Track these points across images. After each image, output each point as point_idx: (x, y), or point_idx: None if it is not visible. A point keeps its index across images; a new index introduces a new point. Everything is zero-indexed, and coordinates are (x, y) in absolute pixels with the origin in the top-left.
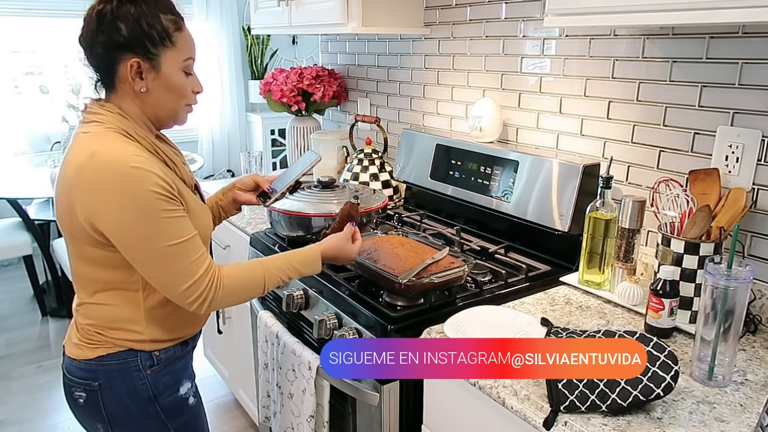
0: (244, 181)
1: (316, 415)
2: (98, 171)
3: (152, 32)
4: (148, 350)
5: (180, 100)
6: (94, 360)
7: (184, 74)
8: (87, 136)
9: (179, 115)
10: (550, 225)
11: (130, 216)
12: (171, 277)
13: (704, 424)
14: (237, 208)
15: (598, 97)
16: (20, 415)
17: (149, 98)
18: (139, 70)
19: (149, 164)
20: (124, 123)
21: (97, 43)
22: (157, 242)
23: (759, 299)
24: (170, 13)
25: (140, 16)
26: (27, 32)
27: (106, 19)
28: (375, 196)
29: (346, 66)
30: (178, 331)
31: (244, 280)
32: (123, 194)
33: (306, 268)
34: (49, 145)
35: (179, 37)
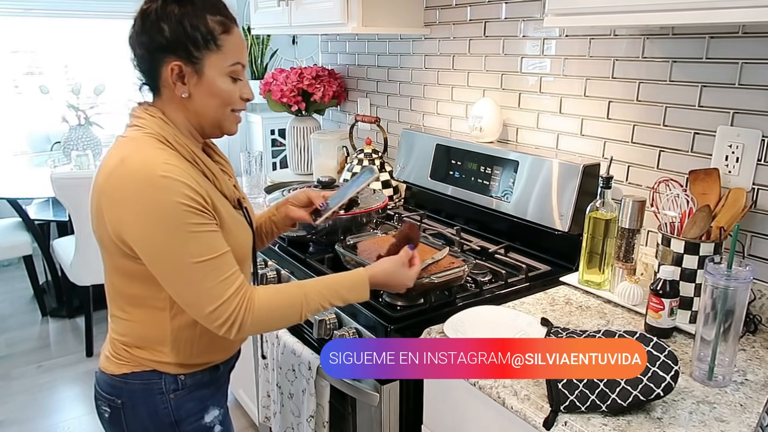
0: (298, 197)
1: (316, 415)
2: (125, 178)
3: (195, 34)
4: (173, 373)
5: (225, 108)
6: (119, 377)
7: (230, 80)
8: (124, 141)
9: (224, 124)
10: (550, 225)
11: (153, 227)
12: (196, 297)
13: (704, 424)
14: (291, 224)
15: (598, 97)
16: (20, 415)
17: (192, 104)
18: (180, 74)
19: (180, 174)
20: (164, 129)
21: (140, 44)
22: (183, 257)
23: (759, 299)
24: (219, 14)
25: (184, 17)
26: (27, 32)
27: (149, 19)
28: (375, 196)
29: (346, 66)
30: (206, 356)
31: (279, 305)
32: (147, 204)
33: (351, 294)
34: (49, 145)
35: (226, 40)
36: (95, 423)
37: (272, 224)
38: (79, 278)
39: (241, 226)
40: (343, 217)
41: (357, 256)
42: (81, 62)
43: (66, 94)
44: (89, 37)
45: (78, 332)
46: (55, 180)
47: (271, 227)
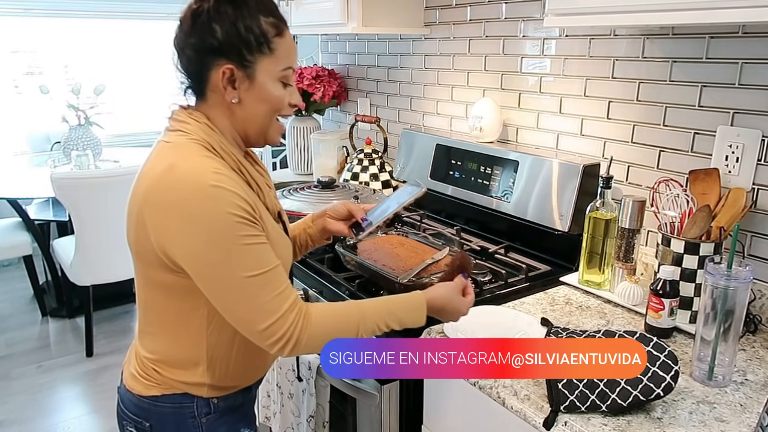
0: (337, 209)
1: (316, 415)
2: (173, 187)
3: (249, 37)
4: (205, 396)
5: (273, 114)
6: (148, 398)
7: (281, 85)
8: (168, 147)
9: (270, 132)
10: (550, 225)
11: (204, 240)
12: (250, 313)
13: (704, 424)
14: (327, 237)
15: (598, 97)
16: (20, 415)
17: (241, 110)
18: (231, 78)
19: (230, 183)
20: (210, 135)
21: (189, 45)
22: (235, 272)
23: (759, 299)
24: (272, 16)
25: (238, 18)
26: (27, 32)
27: (200, 19)
28: (375, 196)
29: (346, 66)
30: (240, 378)
31: (336, 323)
32: (198, 215)
33: (409, 317)
34: (49, 145)
35: (279, 43)
36: (95, 423)
37: (307, 237)
38: (79, 278)
39: (282, 239)
40: None
41: (357, 256)
42: (81, 62)
43: (66, 94)
44: (89, 37)
45: (78, 332)
46: (55, 180)
47: (306, 240)
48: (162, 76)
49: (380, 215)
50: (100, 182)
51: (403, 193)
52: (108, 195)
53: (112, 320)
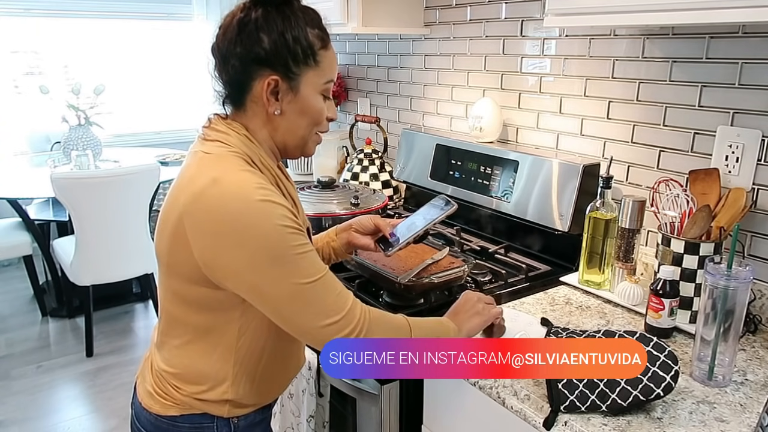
0: (363, 223)
1: (316, 415)
2: (221, 203)
3: (297, 48)
4: (226, 416)
5: (313, 127)
6: (165, 418)
7: (322, 98)
8: (209, 158)
9: (308, 144)
10: (550, 225)
11: (261, 256)
12: (314, 316)
13: (704, 424)
14: (351, 251)
15: (598, 97)
16: (20, 415)
17: (282, 122)
18: (275, 90)
19: (275, 197)
20: (250, 148)
21: (234, 54)
22: (295, 280)
23: (759, 299)
24: (317, 28)
25: (286, 29)
26: (27, 32)
27: (247, 28)
28: (375, 196)
29: (346, 66)
30: (263, 395)
31: (391, 326)
32: (251, 232)
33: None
34: (49, 145)
35: (324, 55)
36: (95, 423)
37: (331, 250)
38: (79, 278)
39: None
40: (344, 217)
41: (357, 256)
42: (81, 62)
43: (66, 94)
44: (89, 37)
45: (78, 332)
46: (55, 180)
47: (330, 253)
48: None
49: (409, 231)
50: (100, 182)
51: (432, 209)
52: (108, 195)
53: (112, 320)
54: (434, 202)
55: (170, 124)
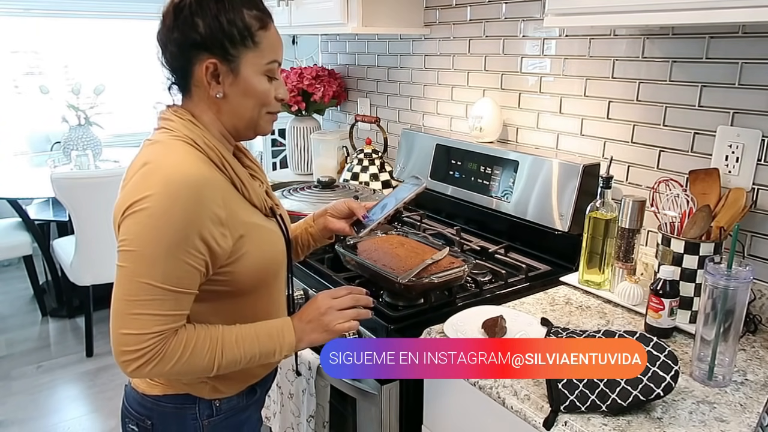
0: (338, 207)
1: (316, 415)
2: (145, 181)
3: (232, 30)
4: (207, 398)
5: (260, 108)
6: (150, 397)
7: (266, 79)
8: (150, 146)
9: (260, 124)
10: (550, 225)
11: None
12: (125, 315)
13: (704, 424)
14: (329, 236)
15: (598, 97)
16: (20, 415)
17: (226, 105)
18: (215, 73)
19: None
20: (193, 131)
21: (172, 40)
22: (150, 273)
23: (759, 299)
24: (255, 9)
25: (220, 12)
26: (27, 32)
27: (182, 14)
28: (375, 196)
29: (346, 66)
30: (244, 378)
31: (189, 360)
32: (159, 207)
33: (273, 331)
34: (49, 145)
35: (263, 36)
36: (95, 423)
37: (309, 236)
38: (79, 278)
39: (274, 237)
40: None
41: (357, 256)
42: (81, 62)
43: (66, 94)
44: (89, 37)
45: (78, 332)
46: (55, 180)
47: (308, 239)
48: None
49: (381, 211)
50: (100, 182)
51: (403, 189)
52: (108, 195)
53: None
54: (406, 182)
55: None
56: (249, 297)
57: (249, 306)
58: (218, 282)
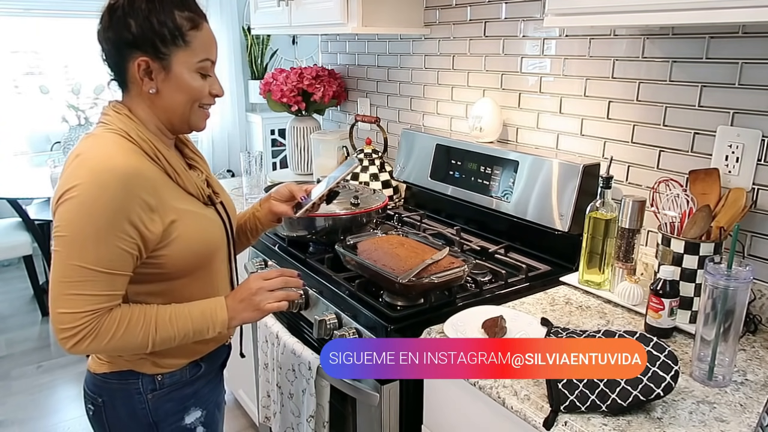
0: (280, 191)
1: (316, 415)
2: (75, 172)
3: (163, 30)
4: (149, 374)
5: (193, 103)
6: (100, 375)
7: (199, 76)
8: (85, 138)
9: (192, 119)
10: (550, 225)
11: (79, 215)
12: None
13: (704, 424)
14: (274, 219)
15: (598, 97)
16: (20, 415)
17: (160, 100)
18: (148, 70)
19: (131, 176)
20: (128, 125)
21: (107, 39)
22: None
23: (759, 299)
24: (187, 10)
25: (151, 13)
26: (27, 32)
27: (116, 14)
28: (375, 196)
29: (346, 66)
30: (182, 352)
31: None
32: (88, 195)
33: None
34: (49, 145)
35: (194, 36)
36: None
37: (256, 220)
38: None
39: (209, 223)
40: (344, 217)
41: (357, 256)
42: (81, 62)
43: (66, 94)
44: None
45: None
46: (55, 180)
47: (255, 223)
48: None
49: (317, 192)
50: None
51: (338, 170)
52: None
53: None
54: (342, 165)
55: None
56: (186, 279)
57: (187, 288)
58: (153, 265)
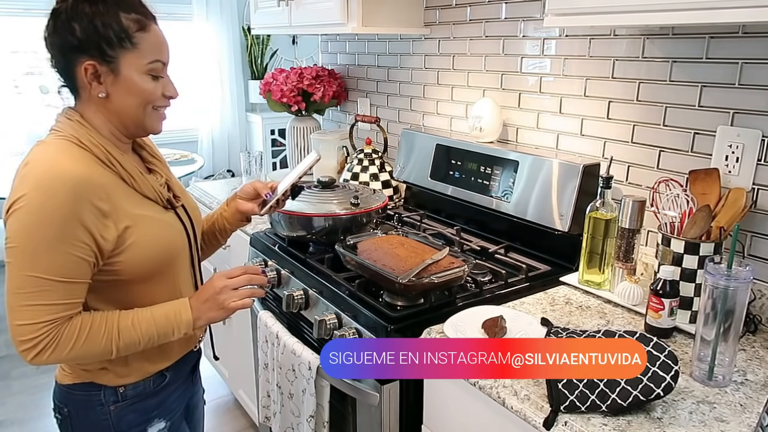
0: (245, 189)
1: (316, 415)
2: (23, 181)
3: (108, 33)
4: (111, 385)
5: (145, 106)
6: (64, 386)
7: (149, 78)
8: (36, 146)
9: (147, 122)
10: (550, 225)
11: (31, 224)
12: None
13: (704, 424)
14: (241, 218)
15: (598, 97)
16: (20, 415)
17: (111, 104)
18: (96, 74)
19: (82, 184)
20: (78, 130)
21: (53, 45)
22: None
23: (759, 299)
24: (133, 12)
25: (95, 16)
26: (27, 32)
27: (60, 19)
28: (375, 196)
29: (346, 66)
30: (142, 364)
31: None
32: (35, 204)
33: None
34: None
35: (142, 38)
36: None
37: (224, 221)
38: None
39: (167, 227)
40: (344, 217)
41: (357, 256)
42: None
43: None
44: None
45: None
46: None
47: (224, 224)
48: None
49: (281, 188)
50: None
51: (300, 164)
52: None
53: None
54: (303, 160)
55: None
56: (145, 285)
57: (147, 295)
58: (110, 272)
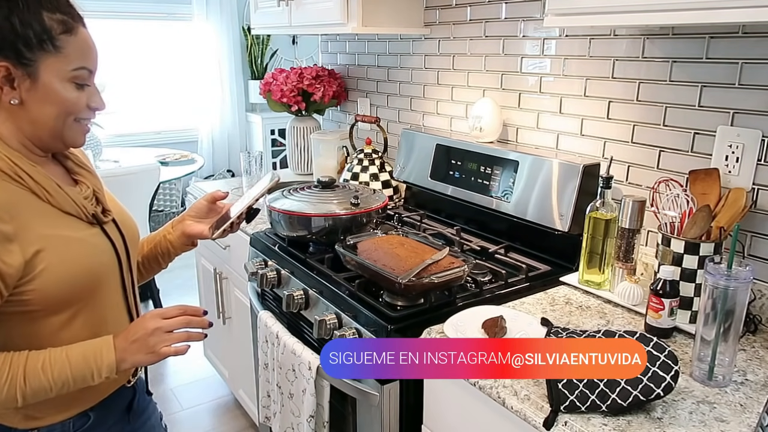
0: (198, 206)
1: (316, 415)
2: None
3: (27, 32)
4: (21, 428)
5: (66, 117)
6: None
7: (73, 86)
8: None
9: (67, 134)
10: (550, 225)
11: None
12: None
13: (704, 424)
14: (189, 243)
15: (598, 97)
16: None
17: (24, 112)
18: (9, 77)
19: None
20: None
21: None
22: None
23: (759, 299)
24: (59, 12)
25: (13, 12)
26: None
27: None
28: (375, 196)
29: (346, 66)
30: (67, 402)
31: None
32: None
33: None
34: None
35: (67, 41)
36: None
37: (168, 244)
38: None
39: (89, 247)
40: (344, 217)
41: (357, 256)
42: None
43: None
44: None
45: None
46: None
47: (167, 247)
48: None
49: (236, 210)
50: None
51: (257, 185)
52: None
53: None
54: (260, 180)
55: (170, 124)
56: (64, 316)
57: (67, 327)
58: (20, 302)
